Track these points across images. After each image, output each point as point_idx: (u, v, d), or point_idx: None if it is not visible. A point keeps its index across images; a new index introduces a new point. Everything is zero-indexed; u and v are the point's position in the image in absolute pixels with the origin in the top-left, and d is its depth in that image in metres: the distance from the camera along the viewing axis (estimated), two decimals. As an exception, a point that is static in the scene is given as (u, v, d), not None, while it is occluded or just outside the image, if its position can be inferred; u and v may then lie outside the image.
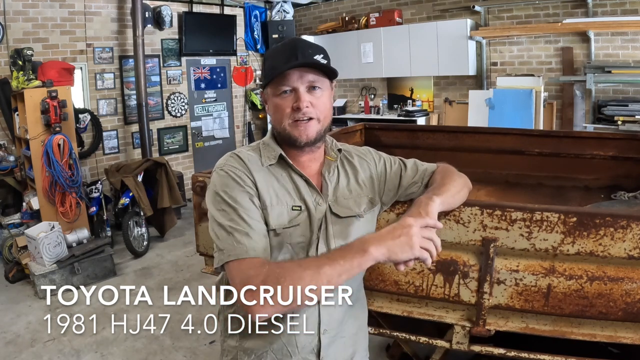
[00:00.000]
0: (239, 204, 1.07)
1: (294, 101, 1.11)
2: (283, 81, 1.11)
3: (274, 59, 1.12)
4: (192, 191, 1.96)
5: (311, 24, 7.45)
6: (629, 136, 2.87)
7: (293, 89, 1.11)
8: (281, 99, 1.12)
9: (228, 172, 1.11)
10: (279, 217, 1.11)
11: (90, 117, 5.60)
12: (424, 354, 2.41)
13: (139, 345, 3.13)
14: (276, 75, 1.10)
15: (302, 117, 1.11)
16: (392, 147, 3.12)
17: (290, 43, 1.14)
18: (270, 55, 1.15)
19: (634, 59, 4.74)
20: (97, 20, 5.69)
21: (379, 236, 0.99)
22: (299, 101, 1.10)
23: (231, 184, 1.09)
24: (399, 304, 1.62)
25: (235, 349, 1.18)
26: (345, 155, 1.26)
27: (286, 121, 1.13)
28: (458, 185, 1.28)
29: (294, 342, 1.13)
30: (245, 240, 1.03)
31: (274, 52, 1.15)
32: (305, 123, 1.12)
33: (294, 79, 1.10)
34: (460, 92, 6.00)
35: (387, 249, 0.97)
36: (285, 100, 1.12)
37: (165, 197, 5.01)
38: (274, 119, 1.16)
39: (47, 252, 3.91)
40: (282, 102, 1.12)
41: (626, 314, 1.34)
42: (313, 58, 1.10)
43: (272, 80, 1.12)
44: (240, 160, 1.14)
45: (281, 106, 1.12)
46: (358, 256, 0.97)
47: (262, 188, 1.11)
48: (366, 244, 0.98)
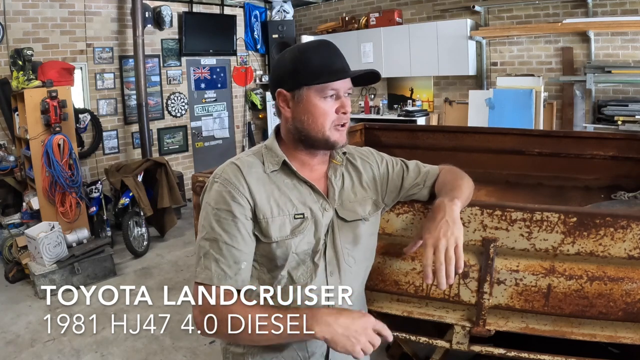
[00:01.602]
0: (221, 228, 1.06)
1: (337, 105, 1.11)
2: (331, 85, 1.10)
3: (322, 59, 1.10)
4: (192, 191, 1.96)
5: (311, 24, 7.45)
6: (629, 136, 2.87)
7: (336, 93, 1.11)
8: (325, 102, 1.10)
9: (220, 189, 1.09)
10: (281, 227, 1.09)
11: (90, 117, 5.60)
12: (424, 354, 2.41)
13: (139, 345, 3.13)
14: (338, 79, 1.09)
15: (346, 121, 1.12)
16: (392, 147, 3.12)
17: (332, 46, 1.13)
18: (316, 55, 1.11)
19: (634, 59, 4.74)
20: (97, 20, 5.69)
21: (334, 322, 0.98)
22: (346, 106, 1.11)
23: (220, 203, 1.08)
24: (399, 304, 1.62)
25: (242, 355, 1.16)
26: (349, 158, 1.25)
27: (329, 125, 1.11)
28: (469, 187, 1.29)
29: (304, 348, 1.13)
30: (213, 267, 1.04)
31: (317, 52, 1.11)
32: (344, 127, 1.13)
33: (341, 83, 1.11)
34: (460, 92, 6.00)
35: (330, 338, 0.98)
36: (328, 103, 1.10)
37: (165, 197, 5.01)
38: (312, 121, 1.11)
39: (47, 252, 3.91)
40: (326, 105, 1.10)
41: (626, 314, 1.34)
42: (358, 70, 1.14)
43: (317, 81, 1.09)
44: (238, 171, 1.10)
45: (325, 109, 1.10)
46: (301, 333, 0.98)
47: (260, 200, 1.09)
48: (316, 324, 0.98)
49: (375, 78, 1.17)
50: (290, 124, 1.14)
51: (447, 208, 1.11)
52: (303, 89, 1.10)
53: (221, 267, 1.04)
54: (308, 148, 1.14)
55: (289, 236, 1.09)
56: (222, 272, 1.04)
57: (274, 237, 1.08)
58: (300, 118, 1.11)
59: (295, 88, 1.11)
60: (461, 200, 1.17)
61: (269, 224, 1.08)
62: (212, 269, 1.04)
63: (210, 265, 1.04)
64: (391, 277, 1.55)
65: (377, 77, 1.17)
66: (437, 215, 1.11)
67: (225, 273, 1.04)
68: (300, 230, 1.10)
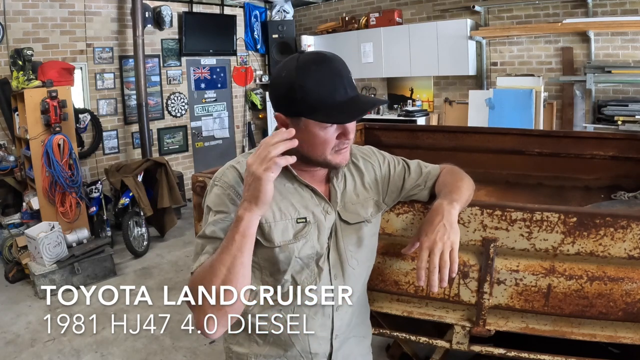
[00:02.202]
0: (220, 228, 1.04)
1: (339, 131, 1.04)
2: None
3: (322, 89, 1.00)
4: (192, 191, 1.96)
5: (311, 24, 7.45)
6: (629, 136, 2.87)
7: None
8: (326, 131, 1.03)
9: (220, 193, 1.07)
10: (284, 232, 1.08)
11: (90, 117, 5.60)
12: (424, 354, 2.41)
13: (139, 345, 3.13)
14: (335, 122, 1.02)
15: (347, 146, 1.07)
16: (392, 147, 3.11)
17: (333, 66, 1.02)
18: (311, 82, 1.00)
19: (634, 59, 4.74)
20: (97, 20, 5.69)
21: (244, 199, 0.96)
22: (348, 133, 1.04)
23: (220, 206, 1.06)
24: (399, 304, 1.62)
25: (245, 355, 1.15)
26: (351, 159, 1.22)
27: (328, 151, 1.05)
28: (469, 188, 1.28)
29: (307, 349, 1.13)
30: (203, 258, 1.03)
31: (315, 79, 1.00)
32: (346, 148, 1.07)
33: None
34: (460, 92, 6.00)
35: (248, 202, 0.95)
36: (329, 131, 1.03)
37: (165, 197, 5.01)
38: (312, 148, 1.05)
39: (47, 252, 3.91)
40: (326, 134, 1.03)
41: (626, 314, 1.34)
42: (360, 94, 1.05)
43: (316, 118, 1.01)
44: (238, 175, 1.08)
45: (325, 138, 1.03)
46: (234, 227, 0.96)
47: None
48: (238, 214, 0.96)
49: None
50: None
51: (445, 211, 1.11)
52: (301, 119, 1.03)
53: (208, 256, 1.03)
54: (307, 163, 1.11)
55: (291, 240, 1.08)
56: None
57: (276, 242, 1.07)
58: (300, 143, 1.01)
59: (292, 115, 1.04)
60: (460, 202, 1.16)
61: (271, 228, 1.07)
62: (201, 260, 1.02)
63: (202, 257, 1.03)
64: (391, 277, 1.55)
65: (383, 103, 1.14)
66: (435, 218, 1.10)
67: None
68: (303, 235, 1.09)
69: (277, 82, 1.06)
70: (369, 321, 1.33)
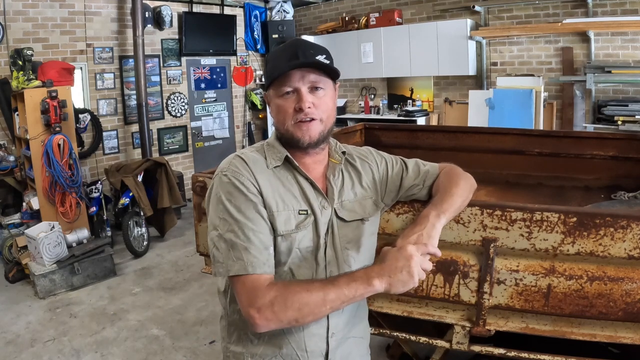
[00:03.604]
0: (243, 215, 1.05)
1: (296, 102, 1.09)
2: (285, 82, 1.08)
3: (275, 60, 1.11)
4: (192, 191, 1.96)
5: (311, 24, 7.45)
6: (629, 136, 2.86)
7: (295, 89, 1.09)
8: (284, 100, 1.10)
9: (231, 179, 1.08)
10: (286, 222, 1.09)
11: (90, 117, 5.61)
12: (424, 354, 2.41)
13: (139, 345, 3.12)
14: (278, 76, 1.08)
15: (304, 118, 1.09)
16: (392, 147, 3.12)
17: (291, 43, 1.13)
18: (272, 57, 1.14)
19: (634, 59, 4.74)
20: (97, 20, 5.70)
21: (382, 269, 1.01)
22: (301, 102, 1.08)
23: (235, 192, 1.06)
24: (399, 304, 1.62)
25: (241, 354, 1.16)
26: (348, 159, 1.24)
27: (289, 122, 1.11)
28: (465, 192, 1.27)
29: (303, 347, 1.12)
30: (245, 256, 1.02)
31: (275, 53, 1.14)
32: (308, 123, 1.10)
33: (296, 79, 1.08)
34: (460, 92, 6.00)
35: (389, 284, 1.00)
36: (288, 101, 1.10)
37: (165, 197, 5.02)
38: (277, 120, 1.14)
39: (47, 252, 3.91)
40: (284, 103, 1.10)
41: (626, 314, 1.34)
42: (315, 58, 1.09)
43: (273, 81, 1.10)
44: (244, 163, 1.10)
45: (283, 107, 1.10)
46: (362, 288, 1.00)
47: (267, 194, 1.08)
48: (371, 277, 1.00)
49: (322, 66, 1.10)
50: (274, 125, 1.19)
51: (428, 223, 1.12)
52: (269, 90, 1.14)
53: (253, 254, 1.02)
54: (289, 146, 1.15)
55: (294, 230, 1.09)
56: (255, 258, 1.02)
57: (279, 231, 1.08)
58: (273, 118, 1.15)
59: (266, 90, 1.16)
60: (449, 213, 1.18)
61: (275, 217, 1.08)
62: (244, 259, 1.02)
63: (242, 255, 1.02)
64: (391, 277, 1.55)
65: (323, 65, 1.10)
66: (417, 227, 1.12)
67: (258, 259, 1.03)
68: (304, 226, 1.11)
69: None
70: (367, 322, 1.33)
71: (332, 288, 1.00)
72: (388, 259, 1.02)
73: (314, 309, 0.99)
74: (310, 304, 0.99)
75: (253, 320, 0.99)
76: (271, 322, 0.99)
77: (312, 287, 1.01)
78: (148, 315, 3.51)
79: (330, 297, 0.99)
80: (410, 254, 1.01)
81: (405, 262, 1.01)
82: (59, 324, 3.43)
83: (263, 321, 0.99)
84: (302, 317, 0.99)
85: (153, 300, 3.75)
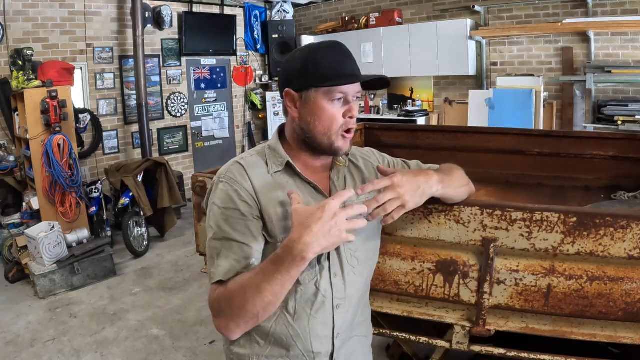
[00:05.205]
0: (231, 225, 1.05)
1: (345, 109, 1.09)
2: (340, 88, 1.07)
3: (333, 61, 1.08)
4: (192, 191, 1.96)
5: (311, 24, 7.46)
6: (629, 136, 2.86)
7: (344, 97, 1.09)
8: (332, 105, 1.08)
9: (227, 188, 1.08)
10: (286, 228, 1.07)
11: (90, 117, 5.61)
12: (424, 354, 2.41)
13: (139, 345, 3.12)
14: (346, 84, 1.07)
15: (352, 127, 1.10)
16: (392, 147, 3.12)
17: (343, 48, 1.12)
18: (323, 56, 1.08)
19: (634, 59, 4.74)
20: (97, 20, 5.70)
21: (309, 236, 0.92)
22: (353, 110, 1.09)
23: (227, 201, 1.07)
24: (399, 304, 1.62)
25: (247, 356, 1.15)
26: (351, 159, 1.24)
27: (335, 129, 1.09)
28: (463, 180, 1.30)
29: (310, 349, 1.12)
30: (222, 263, 1.03)
31: (328, 54, 1.09)
32: (350, 134, 1.11)
33: (350, 87, 1.08)
34: (460, 92, 6.00)
35: (320, 248, 0.93)
36: (336, 107, 1.08)
37: (165, 197, 5.02)
38: (319, 124, 1.09)
39: (47, 252, 3.91)
40: (332, 108, 1.08)
41: (626, 314, 1.34)
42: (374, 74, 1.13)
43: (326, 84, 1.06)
44: (243, 170, 1.09)
45: (332, 112, 1.08)
46: (294, 266, 0.94)
47: (265, 201, 1.08)
48: (299, 251, 0.92)
49: (385, 83, 1.16)
50: (296, 124, 1.13)
51: (430, 181, 1.12)
52: (311, 90, 1.08)
53: (230, 262, 1.03)
54: (311, 150, 1.14)
55: None
56: (230, 266, 1.03)
57: (279, 238, 1.07)
58: (307, 119, 1.09)
59: (303, 89, 1.09)
60: (446, 187, 1.18)
61: (274, 224, 1.07)
62: (221, 265, 1.03)
63: (221, 262, 1.04)
64: (391, 277, 1.55)
65: (387, 83, 1.15)
66: (419, 177, 1.11)
67: (233, 268, 1.03)
68: None
69: (291, 59, 1.13)
70: (370, 321, 1.33)
71: (263, 278, 0.96)
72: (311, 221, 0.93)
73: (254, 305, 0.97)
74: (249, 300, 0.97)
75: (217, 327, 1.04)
76: (233, 330, 1.03)
77: (247, 282, 0.98)
78: (148, 315, 3.51)
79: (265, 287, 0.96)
80: (333, 210, 0.93)
81: (331, 221, 0.92)
82: (59, 324, 3.43)
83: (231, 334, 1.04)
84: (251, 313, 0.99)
85: (153, 300, 3.75)
